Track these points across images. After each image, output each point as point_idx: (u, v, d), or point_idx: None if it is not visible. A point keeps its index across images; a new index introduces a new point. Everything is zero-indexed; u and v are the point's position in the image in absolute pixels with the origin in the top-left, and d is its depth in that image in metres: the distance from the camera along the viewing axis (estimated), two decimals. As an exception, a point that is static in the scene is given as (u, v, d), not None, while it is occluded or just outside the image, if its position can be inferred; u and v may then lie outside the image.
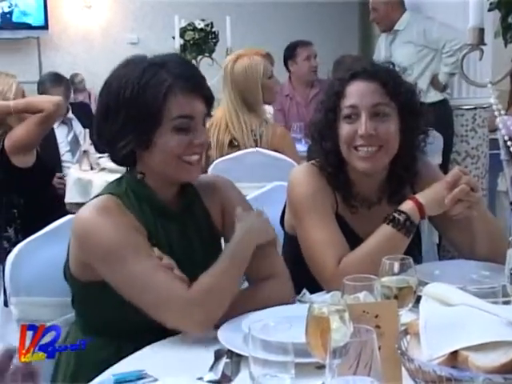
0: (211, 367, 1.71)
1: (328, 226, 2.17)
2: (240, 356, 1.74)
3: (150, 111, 1.93)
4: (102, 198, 2.00)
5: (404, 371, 1.49)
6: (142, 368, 1.68)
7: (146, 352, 1.84)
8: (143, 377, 1.65)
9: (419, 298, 1.72)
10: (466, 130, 5.80)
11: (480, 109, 5.77)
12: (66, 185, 4.52)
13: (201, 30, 5.19)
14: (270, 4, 8.78)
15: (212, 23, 5.45)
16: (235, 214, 2.06)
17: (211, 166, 3.63)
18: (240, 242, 1.99)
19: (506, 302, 1.74)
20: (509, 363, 1.36)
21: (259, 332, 1.66)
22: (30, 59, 8.71)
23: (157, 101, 1.92)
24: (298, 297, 2.11)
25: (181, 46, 5.02)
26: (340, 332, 1.40)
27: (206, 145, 2.06)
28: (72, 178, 4.45)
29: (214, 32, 5.29)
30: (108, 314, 1.97)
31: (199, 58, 5.45)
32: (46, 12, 8.79)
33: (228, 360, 1.74)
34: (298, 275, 2.25)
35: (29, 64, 8.63)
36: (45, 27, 8.76)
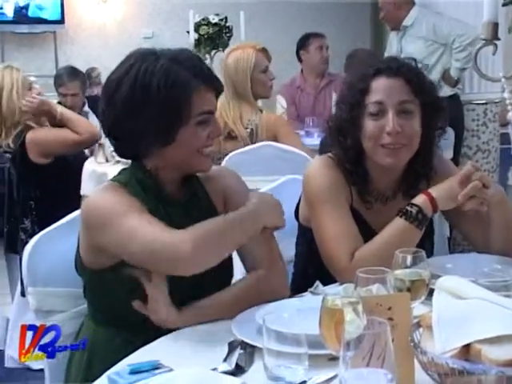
0: (225, 358, 1.70)
1: (342, 218, 2.17)
2: (254, 347, 1.74)
3: (176, 109, 1.92)
4: (104, 184, 2.04)
5: (416, 363, 1.48)
6: (156, 358, 1.68)
7: (161, 342, 1.84)
8: (158, 367, 1.64)
9: (431, 291, 1.71)
10: (477, 124, 5.78)
11: (491, 104, 5.75)
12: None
13: (215, 24, 5.18)
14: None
15: (226, 18, 5.44)
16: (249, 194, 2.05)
17: (225, 160, 3.63)
18: (249, 213, 1.95)
19: (519, 296, 1.72)
20: (522, 356, 1.35)
21: (273, 323, 1.65)
22: (46, 53, 8.72)
23: (184, 98, 1.93)
24: (310, 289, 2.11)
25: (195, 40, 5.01)
26: (353, 324, 1.39)
27: (217, 136, 2.08)
28: (87, 171, 4.45)
29: (228, 27, 5.28)
30: (118, 303, 1.96)
31: (213, 52, 5.45)
32: (62, 7, 8.79)
33: (242, 351, 1.73)
34: (311, 267, 2.26)
35: (45, 58, 8.65)
36: (61, 22, 8.76)
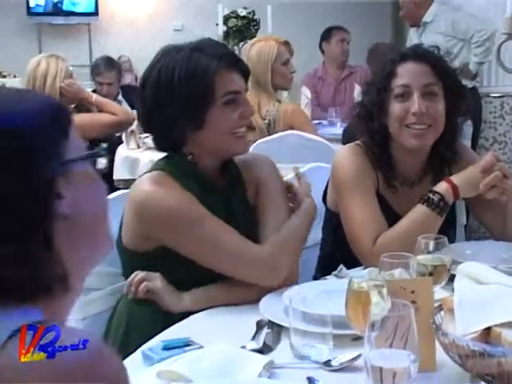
0: (253, 337, 1.71)
1: (369, 204, 2.17)
2: (280, 327, 1.74)
3: (201, 93, 1.94)
4: (154, 173, 2.00)
5: (438, 345, 1.47)
6: (188, 335, 1.69)
7: (193, 321, 1.85)
8: (189, 344, 1.65)
9: (452, 276, 1.71)
10: (494, 116, 5.74)
11: (508, 97, 5.72)
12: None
13: (243, 17, 5.17)
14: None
15: (254, 11, 5.43)
16: (297, 191, 2.11)
17: (251, 147, 3.62)
18: (306, 214, 2.05)
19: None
20: (541, 340, 1.34)
21: (299, 304, 1.66)
22: (80, 44, 8.74)
23: (206, 82, 1.94)
24: (334, 272, 2.10)
25: (224, 32, 5.01)
26: (379, 306, 1.39)
27: (248, 119, 2.06)
28: (120, 156, 4.46)
29: (256, 20, 5.27)
30: None
31: (241, 44, 5.44)
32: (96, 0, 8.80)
33: (269, 330, 1.73)
34: (337, 251, 2.25)
35: (80, 49, 8.66)
36: (95, 14, 8.77)
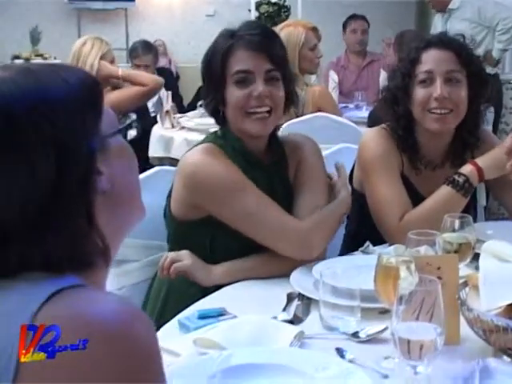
0: (284, 308, 1.71)
1: (394, 184, 2.15)
2: (310, 299, 1.74)
3: (217, 70, 1.97)
4: (205, 145, 2.02)
5: (462, 320, 1.46)
6: (222, 306, 1.69)
7: (227, 291, 1.85)
8: (224, 313, 1.65)
9: (475, 255, 1.70)
10: (515, 102, 5.68)
11: (528, 83, 5.65)
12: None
13: (274, 4, 5.14)
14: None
15: (285, -2, 5.43)
16: (342, 176, 2.10)
17: (281, 129, 3.60)
18: (341, 203, 2.05)
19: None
20: None
21: (329, 278, 1.66)
22: (118, 28, 8.73)
23: (220, 60, 1.96)
24: (361, 248, 2.10)
25: (256, 18, 4.98)
26: (407, 281, 1.38)
27: (267, 98, 1.97)
28: (155, 135, 4.47)
29: (286, 6, 5.24)
30: (198, 252, 1.98)
31: (271, 29, 5.39)
32: (133, -15, 8.79)
33: (299, 302, 1.73)
34: (362, 229, 2.25)
35: (117, 33, 8.66)
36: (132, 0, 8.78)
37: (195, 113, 4.98)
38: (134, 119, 4.09)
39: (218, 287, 1.88)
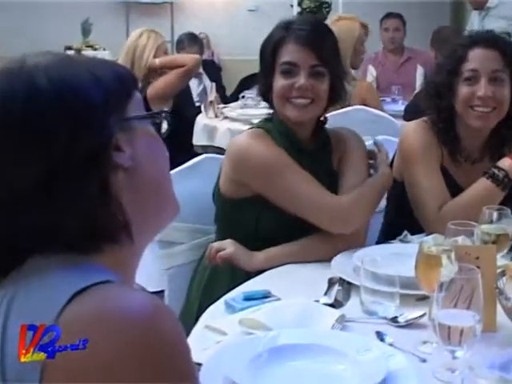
0: (325, 292, 1.71)
1: (433, 175, 2.14)
2: (350, 284, 1.73)
3: (268, 58, 2.01)
4: (253, 130, 2.08)
5: (499, 308, 1.45)
6: (267, 288, 1.70)
7: (272, 275, 1.86)
8: (268, 296, 1.66)
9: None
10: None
11: None
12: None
13: (316, 0, 5.12)
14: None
15: (326, -7, 5.38)
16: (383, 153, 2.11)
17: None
18: (381, 180, 2.05)
19: None
20: None
21: (370, 265, 1.65)
22: (163, 22, 8.73)
23: (271, 49, 2.01)
24: (399, 237, 2.09)
25: (298, 13, 4.96)
26: (447, 269, 1.37)
27: (308, 90, 1.98)
28: (199, 124, 4.48)
29: (328, 2, 5.21)
30: (244, 230, 2.01)
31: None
32: (179, -19, 8.80)
33: (340, 287, 1.73)
34: (401, 217, 2.23)
35: (162, 26, 8.62)
36: (178, -6, 8.80)
37: (238, 103, 5.00)
38: (164, 111, 4.10)
39: (261, 271, 1.89)
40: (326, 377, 1.29)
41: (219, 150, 3.90)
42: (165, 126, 1.02)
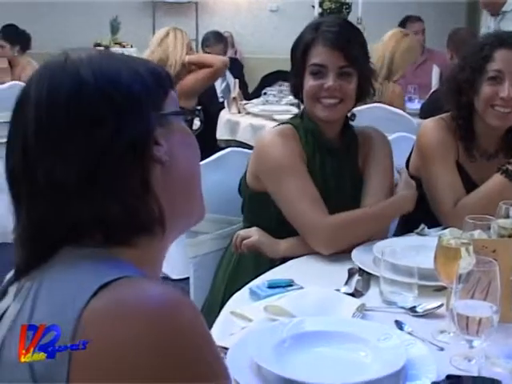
0: (346, 282, 1.71)
1: (449, 171, 2.13)
2: (369, 274, 1.73)
3: (299, 58, 2.01)
4: (281, 126, 2.08)
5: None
6: (290, 277, 1.70)
7: (294, 264, 1.86)
8: (291, 284, 1.66)
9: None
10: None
11: None
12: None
13: (337, 1, 5.09)
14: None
15: (346, -5, 5.35)
16: (403, 179, 2.03)
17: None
18: (392, 204, 1.98)
19: None
20: None
21: (389, 256, 1.65)
22: (188, 21, 8.74)
23: (302, 49, 2.00)
24: (416, 230, 2.08)
25: (319, 14, 4.94)
26: (465, 261, 1.36)
27: (336, 91, 1.97)
28: (223, 119, 4.49)
29: (348, 3, 5.18)
30: (268, 222, 2.00)
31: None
32: (203, -19, 8.80)
33: (359, 277, 1.73)
34: (417, 212, 2.21)
35: (187, 25, 8.64)
36: (202, -6, 8.80)
37: (259, 100, 5.00)
38: (198, 109, 4.10)
39: (283, 260, 1.89)
40: (348, 362, 1.29)
41: (241, 144, 3.90)
42: (197, 123, 1.02)
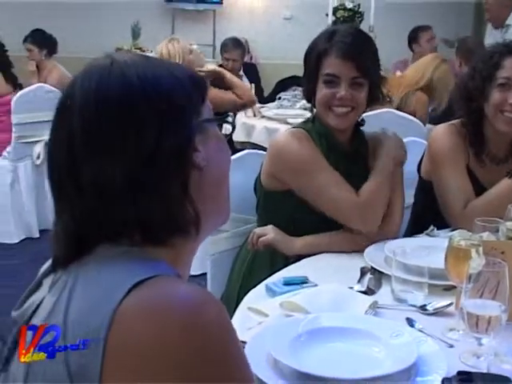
0: (358, 280, 1.70)
1: (459, 175, 2.12)
2: (381, 273, 1.72)
3: (312, 66, 2.00)
4: (293, 129, 2.08)
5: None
6: (305, 275, 1.70)
7: (309, 262, 1.86)
8: (306, 282, 1.66)
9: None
10: None
11: None
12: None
13: (350, 9, 5.08)
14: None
15: (359, 4, 5.32)
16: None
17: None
18: (385, 163, 2.01)
19: None
20: None
21: (400, 256, 1.65)
22: (206, 27, 8.75)
23: (315, 58, 1.99)
24: (426, 231, 2.07)
25: (332, 22, 4.94)
26: (475, 262, 1.35)
27: (348, 100, 1.96)
28: (238, 122, 4.49)
29: (360, 12, 5.17)
30: (282, 222, 2.00)
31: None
32: (221, -11, 8.80)
33: (371, 276, 1.72)
34: (427, 214, 2.22)
35: (205, 31, 8.68)
36: (220, 2, 8.77)
37: (274, 104, 5.01)
38: (231, 115, 4.07)
39: (298, 258, 1.89)
40: (362, 358, 1.29)
41: (256, 146, 3.90)
42: (229, 128, 1.01)
